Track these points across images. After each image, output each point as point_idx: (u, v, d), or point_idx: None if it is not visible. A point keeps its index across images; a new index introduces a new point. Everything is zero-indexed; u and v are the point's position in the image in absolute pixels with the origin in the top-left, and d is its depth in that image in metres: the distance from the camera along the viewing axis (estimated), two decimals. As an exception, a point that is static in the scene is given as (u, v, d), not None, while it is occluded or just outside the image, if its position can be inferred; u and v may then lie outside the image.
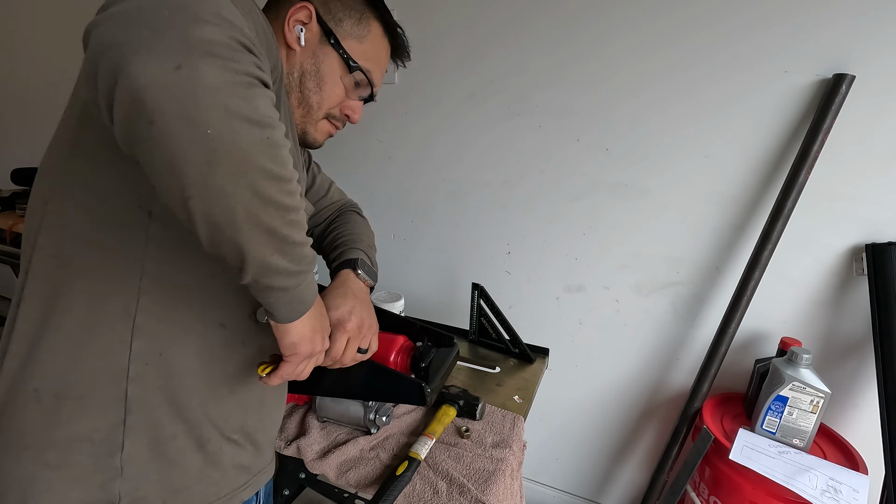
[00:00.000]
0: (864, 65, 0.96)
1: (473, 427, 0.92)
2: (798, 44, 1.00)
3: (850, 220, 1.05)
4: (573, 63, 1.20)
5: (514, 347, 1.20)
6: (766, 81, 1.04)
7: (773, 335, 1.18)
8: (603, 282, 1.34)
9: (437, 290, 1.59)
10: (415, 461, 0.80)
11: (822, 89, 1.00)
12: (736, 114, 1.09)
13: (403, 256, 1.59)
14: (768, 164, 1.09)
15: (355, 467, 0.82)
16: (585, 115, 1.23)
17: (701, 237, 1.19)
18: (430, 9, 1.31)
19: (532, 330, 1.46)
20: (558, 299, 1.41)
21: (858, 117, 0.99)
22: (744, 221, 1.14)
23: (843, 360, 1.12)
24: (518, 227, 1.40)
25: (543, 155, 1.30)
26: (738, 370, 1.23)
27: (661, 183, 1.20)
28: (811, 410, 0.99)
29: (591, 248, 1.33)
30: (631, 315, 1.33)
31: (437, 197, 1.48)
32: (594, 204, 1.28)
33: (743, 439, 1.02)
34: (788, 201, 1.03)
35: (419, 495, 0.77)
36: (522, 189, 1.35)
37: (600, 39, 1.16)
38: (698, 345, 1.27)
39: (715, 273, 1.20)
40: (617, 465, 1.51)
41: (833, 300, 1.11)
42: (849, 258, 1.07)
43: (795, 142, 1.05)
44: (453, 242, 1.51)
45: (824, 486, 0.93)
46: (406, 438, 0.89)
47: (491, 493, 0.77)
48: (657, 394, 1.37)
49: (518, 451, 0.90)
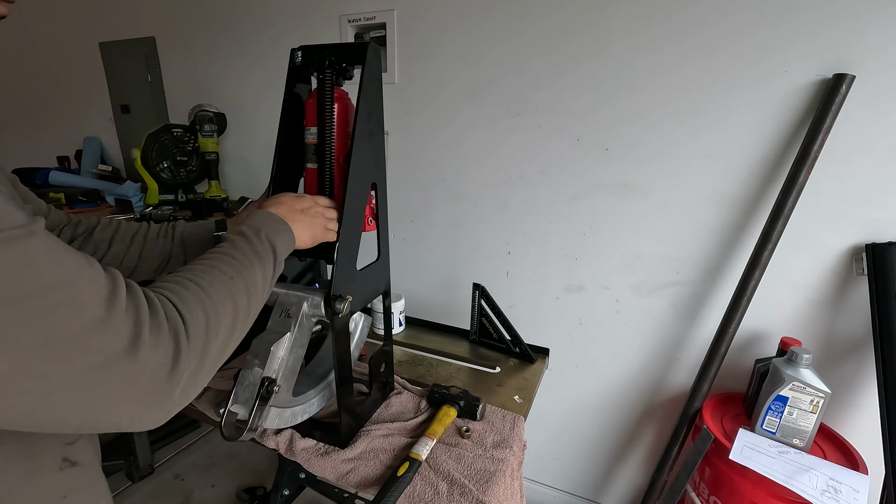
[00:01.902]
0: (864, 65, 0.96)
1: (474, 427, 0.92)
2: (798, 44, 1.00)
3: (850, 220, 1.05)
4: (573, 63, 1.20)
5: (515, 347, 1.20)
6: (767, 81, 1.04)
7: (773, 335, 1.18)
8: (603, 282, 1.34)
9: (438, 291, 1.59)
10: (416, 462, 0.80)
11: (822, 89, 1.00)
12: (736, 114, 1.09)
13: (403, 256, 1.59)
14: (768, 164, 1.09)
15: (356, 468, 0.82)
16: (585, 115, 1.23)
17: (701, 237, 1.19)
18: (430, 9, 1.31)
19: (532, 330, 1.46)
20: (558, 299, 1.41)
21: (858, 117, 0.99)
22: (744, 221, 1.14)
23: (843, 360, 1.12)
24: (518, 227, 1.40)
25: (543, 155, 1.30)
26: (738, 370, 1.23)
27: (661, 183, 1.20)
28: (811, 410, 0.99)
29: (591, 248, 1.33)
30: (631, 315, 1.33)
31: (437, 197, 1.48)
32: (594, 204, 1.28)
33: (743, 439, 1.02)
34: (788, 201, 1.03)
35: (420, 496, 0.77)
36: (522, 189, 1.35)
37: (600, 39, 1.16)
38: (698, 345, 1.27)
39: (715, 273, 1.20)
40: (617, 465, 1.51)
41: (833, 300, 1.11)
42: (849, 258, 1.07)
43: (795, 142, 1.05)
44: (453, 242, 1.51)
45: (824, 486, 0.93)
46: (407, 439, 0.89)
47: (491, 493, 0.77)
48: (657, 394, 1.37)
49: (518, 451, 0.90)
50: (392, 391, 1.03)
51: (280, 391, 0.75)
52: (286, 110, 0.81)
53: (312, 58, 0.78)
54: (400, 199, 1.53)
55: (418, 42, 1.36)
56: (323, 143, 0.79)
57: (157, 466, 1.81)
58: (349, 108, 0.81)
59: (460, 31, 1.30)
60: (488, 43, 1.28)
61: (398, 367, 1.16)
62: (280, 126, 0.81)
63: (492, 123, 1.34)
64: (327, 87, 0.77)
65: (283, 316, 0.77)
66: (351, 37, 1.44)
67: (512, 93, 1.29)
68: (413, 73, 1.39)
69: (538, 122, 1.28)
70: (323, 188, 0.81)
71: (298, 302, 0.77)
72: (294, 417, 0.83)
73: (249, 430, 0.71)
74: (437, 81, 1.37)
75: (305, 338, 0.79)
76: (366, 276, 0.85)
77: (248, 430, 0.71)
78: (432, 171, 1.46)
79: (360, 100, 0.74)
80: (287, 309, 0.77)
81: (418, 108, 1.42)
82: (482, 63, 1.30)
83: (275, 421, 0.79)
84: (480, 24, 1.27)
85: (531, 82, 1.26)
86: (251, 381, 0.73)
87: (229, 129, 1.81)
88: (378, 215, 0.86)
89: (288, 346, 0.75)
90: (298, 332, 0.77)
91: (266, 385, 0.72)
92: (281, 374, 0.75)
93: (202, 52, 1.76)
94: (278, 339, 0.74)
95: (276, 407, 0.78)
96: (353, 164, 0.74)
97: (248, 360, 0.74)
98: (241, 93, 1.74)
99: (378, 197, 0.85)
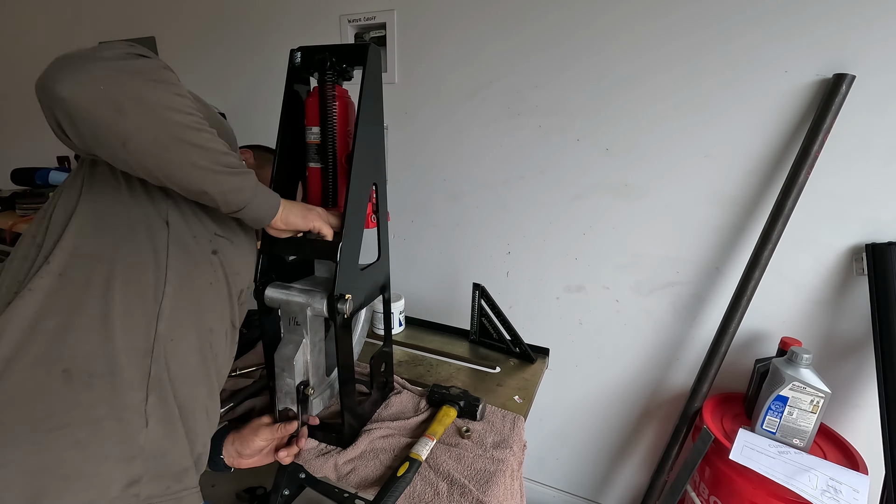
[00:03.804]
0: (864, 65, 0.96)
1: (474, 427, 0.92)
2: (798, 43, 1.00)
3: (850, 220, 1.05)
4: (573, 63, 1.20)
5: (515, 347, 1.20)
6: (767, 81, 1.04)
7: (773, 335, 1.18)
8: (603, 282, 1.34)
9: (437, 291, 1.59)
10: (416, 462, 0.80)
11: (822, 89, 1.00)
12: (736, 113, 1.09)
13: (403, 256, 1.59)
14: (768, 164, 1.09)
15: (356, 468, 0.82)
16: (585, 115, 1.23)
17: (701, 237, 1.19)
18: (430, 9, 1.31)
19: (532, 330, 1.46)
20: (558, 299, 1.41)
21: (858, 117, 0.99)
22: (744, 221, 1.14)
23: (843, 360, 1.12)
24: (518, 227, 1.40)
25: (543, 155, 1.30)
26: (738, 370, 1.23)
27: (661, 183, 1.20)
28: (811, 410, 0.99)
29: (591, 248, 1.33)
30: (631, 315, 1.33)
31: (437, 197, 1.48)
32: (594, 204, 1.28)
33: (743, 439, 1.02)
34: (788, 201, 1.03)
35: (420, 496, 0.77)
36: (522, 189, 1.35)
37: (600, 39, 1.16)
38: (698, 345, 1.27)
39: (715, 273, 1.20)
40: (617, 465, 1.51)
41: (833, 300, 1.11)
42: (849, 258, 1.07)
43: (795, 142, 1.05)
44: (453, 242, 1.51)
45: (824, 486, 0.93)
46: (407, 439, 0.89)
47: (491, 493, 0.77)
48: (657, 394, 1.37)
49: (518, 451, 0.90)
50: (392, 391, 1.03)
51: (314, 383, 0.83)
52: (286, 110, 0.81)
53: (313, 59, 0.78)
54: (400, 198, 1.53)
55: (418, 42, 1.36)
56: (326, 143, 0.79)
57: (158, 466, 1.81)
58: (349, 106, 0.81)
59: (460, 31, 1.30)
60: (488, 43, 1.28)
61: (398, 367, 1.16)
62: (280, 126, 0.81)
63: (491, 123, 1.34)
64: (329, 88, 0.78)
65: (292, 324, 0.81)
66: (351, 37, 1.44)
67: (512, 92, 1.29)
68: (413, 73, 1.39)
69: (538, 121, 1.28)
70: (327, 187, 0.81)
71: (302, 309, 0.79)
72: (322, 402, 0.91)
73: (301, 423, 0.84)
74: (437, 81, 1.37)
75: (319, 333, 0.84)
76: (366, 275, 0.86)
77: (300, 424, 0.83)
78: (432, 170, 1.46)
79: (361, 101, 0.75)
80: (294, 317, 0.81)
81: (418, 107, 1.42)
82: (482, 63, 1.30)
83: (318, 408, 0.90)
84: (480, 24, 1.27)
85: (531, 82, 1.26)
86: (287, 390, 0.82)
87: (229, 129, 1.81)
88: (379, 214, 0.86)
89: (307, 351, 0.81)
90: (312, 334, 0.81)
91: (302, 389, 0.82)
92: (310, 374, 0.83)
93: (202, 52, 1.76)
94: (296, 349, 0.80)
95: (315, 398, 0.87)
96: (355, 165, 0.74)
97: (277, 374, 0.82)
98: (241, 93, 1.74)
99: (378, 196, 0.85)
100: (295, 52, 0.80)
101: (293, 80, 0.81)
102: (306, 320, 0.79)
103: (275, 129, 0.81)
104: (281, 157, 0.81)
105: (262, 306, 0.82)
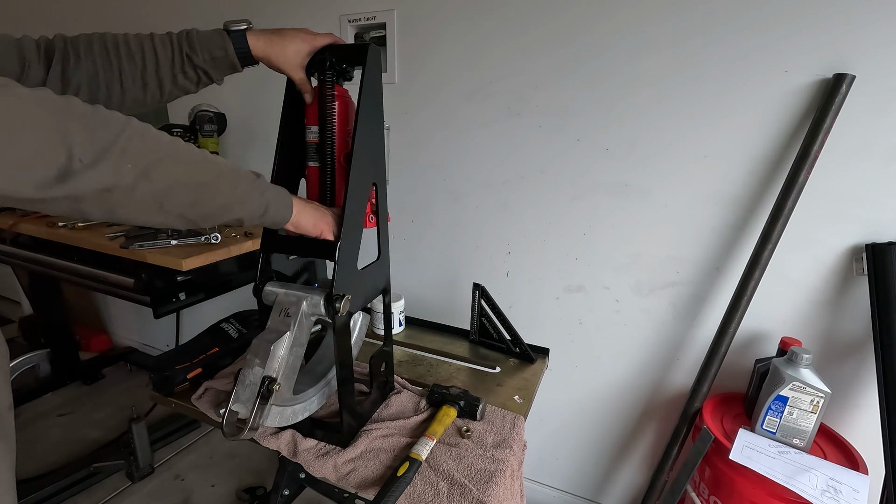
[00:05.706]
0: (864, 65, 0.96)
1: (474, 427, 0.92)
2: (798, 44, 1.00)
3: (850, 220, 1.05)
4: (573, 63, 1.20)
5: (515, 347, 1.20)
6: (767, 81, 1.04)
7: (773, 335, 1.18)
8: (603, 282, 1.34)
9: (438, 291, 1.59)
10: (416, 462, 0.80)
11: (822, 89, 1.00)
12: (736, 114, 1.09)
13: (403, 256, 1.59)
14: (768, 164, 1.09)
15: (356, 468, 0.82)
16: (585, 115, 1.23)
17: (701, 237, 1.19)
18: (430, 9, 1.31)
19: (532, 330, 1.46)
20: (558, 299, 1.41)
21: (858, 117, 0.99)
22: (744, 221, 1.14)
23: (843, 360, 1.12)
24: (518, 227, 1.40)
25: (543, 155, 1.30)
26: (738, 370, 1.23)
27: (661, 183, 1.20)
28: (811, 410, 0.99)
29: (591, 248, 1.33)
30: (631, 315, 1.33)
31: (437, 197, 1.48)
32: (594, 204, 1.28)
33: (743, 439, 1.02)
34: (788, 201, 1.03)
35: (420, 496, 0.77)
36: (522, 189, 1.36)
37: (600, 39, 1.16)
38: (698, 345, 1.27)
39: (715, 273, 1.20)
40: (617, 465, 1.51)
41: (833, 300, 1.11)
42: (849, 258, 1.07)
43: (795, 142, 1.05)
44: (453, 242, 1.51)
45: (824, 486, 0.93)
46: (407, 439, 0.89)
47: (492, 493, 0.77)
48: (657, 394, 1.37)
49: (518, 451, 0.90)
50: (392, 391, 1.03)
51: (281, 390, 0.75)
52: (286, 110, 0.82)
53: (313, 59, 0.78)
54: (400, 198, 1.53)
55: (418, 42, 1.36)
56: (324, 143, 0.79)
57: (158, 466, 1.81)
58: (349, 105, 0.82)
59: (460, 31, 1.30)
60: (488, 43, 1.28)
61: (398, 367, 1.16)
62: (280, 125, 0.81)
63: (492, 123, 1.34)
64: (328, 89, 0.78)
65: (282, 315, 0.77)
66: (351, 37, 1.44)
67: (512, 93, 1.29)
68: (413, 73, 1.39)
69: (538, 122, 1.28)
70: (325, 186, 0.81)
71: (297, 301, 0.77)
72: (294, 416, 0.83)
73: (250, 428, 0.72)
74: (437, 81, 1.37)
75: (305, 337, 0.79)
76: (366, 275, 0.85)
77: (248, 429, 0.72)
78: (432, 170, 1.46)
79: (360, 101, 0.75)
80: (286, 308, 0.78)
81: (418, 107, 1.42)
82: (482, 63, 1.30)
83: (276, 419, 0.79)
84: (480, 24, 1.27)
85: (531, 82, 1.26)
86: (252, 381, 0.74)
87: (229, 129, 1.81)
88: (378, 214, 0.86)
89: (288, 345, 0.76)
90: (298, 331, 0.77)
91: (267, 384, 0.73)
92: (281, 372, 0.75)
93: (202, 52, 1.76)
94: (278, 338, 0.75)
95: (277, 405, 0.78)
96: (354, 164, 0.74)
97: (248, 360, 0.74)
98: (241, 93, 1.74)
99: (378, 196, 0.85)
100: (295, 52, 0.80)
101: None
102: (298, 313, 0.76)
103: (275, 129, 0.81)
104: (281, 157, 0.81)
105: (262, 305, 0.82)
